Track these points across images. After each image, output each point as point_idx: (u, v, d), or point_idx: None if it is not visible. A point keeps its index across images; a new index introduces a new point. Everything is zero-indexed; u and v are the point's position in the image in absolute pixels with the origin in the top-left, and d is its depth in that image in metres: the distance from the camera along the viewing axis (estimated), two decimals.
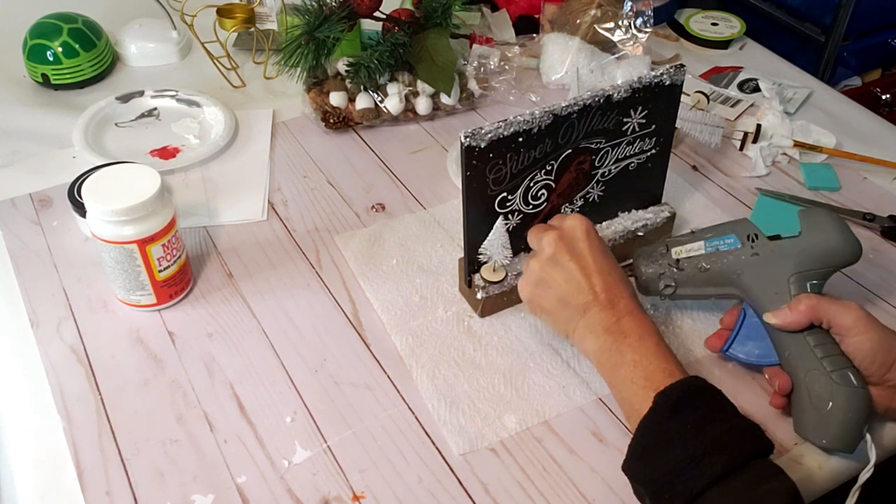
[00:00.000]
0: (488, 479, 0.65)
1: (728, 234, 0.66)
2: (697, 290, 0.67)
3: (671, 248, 0.68)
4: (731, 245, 0.65)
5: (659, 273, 0.68)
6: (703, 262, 0.66)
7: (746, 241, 0.65)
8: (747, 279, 0.65)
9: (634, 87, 0.73)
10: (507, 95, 1.07)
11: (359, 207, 0.90)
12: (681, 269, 0.67)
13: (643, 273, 0.70)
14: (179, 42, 1.15)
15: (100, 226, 0.72)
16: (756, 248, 0.65)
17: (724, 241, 0.66)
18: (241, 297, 0.80)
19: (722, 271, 0.65)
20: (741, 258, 0.65)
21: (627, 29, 1.10)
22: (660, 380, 0.61)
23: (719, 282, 0.66)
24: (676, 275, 0.67)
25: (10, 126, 1.01)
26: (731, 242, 0.65)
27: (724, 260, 0.66)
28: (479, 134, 0.67)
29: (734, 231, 0.67)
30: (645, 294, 0.71)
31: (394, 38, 0.98)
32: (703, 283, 0.67)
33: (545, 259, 0.69)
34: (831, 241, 0.66)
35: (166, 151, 0.97)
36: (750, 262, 0.65)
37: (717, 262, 0.66)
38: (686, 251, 0.67)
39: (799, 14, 1.41)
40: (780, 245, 0.66)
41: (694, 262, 0.67)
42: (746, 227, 0.67)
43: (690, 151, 0.99)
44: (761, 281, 0.64)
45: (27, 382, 0.72)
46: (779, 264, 0.65)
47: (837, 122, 1.04)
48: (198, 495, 0.63)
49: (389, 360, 0.74)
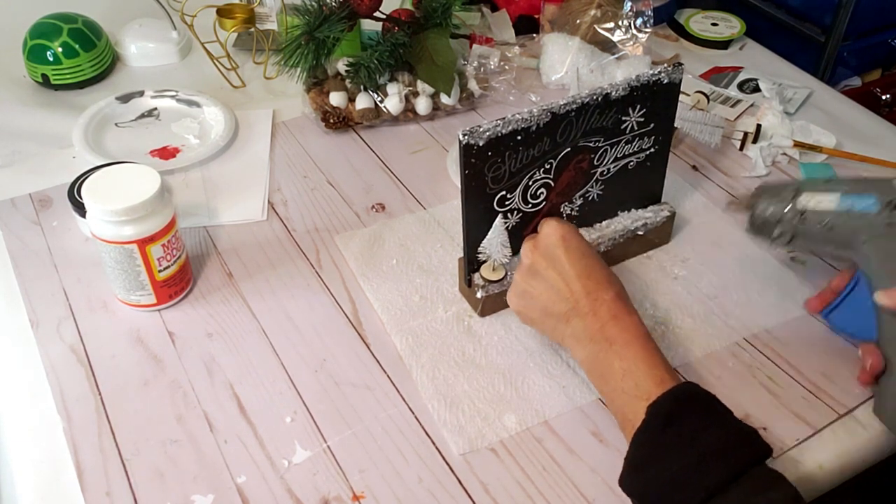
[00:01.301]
0: (488, 479, 0.65)
1: (869, 192, 0.59)
2: (814, 245, 0.62)
3: (802, 192, 0.61)
4: (867, 208, 0.58)
5: (778, 218, 0.62)
6: (830, 219, 0.59)
7: (885, 208, 0.58)
8: (872, 249, 0.58)
9: (633, 86, 0.73)
10: (507, 95, 1.07)
11: (359, 207, 0.91)
12: (804, 221, 0.60)
13: (762, 211, 0.63)
14: (179, 42, 1.15)
15: (100, 226, 0.72)
16: (893, 217, 0.58)
17: (861, 200, 0.59)
18: (241, 297, 0.80)
19: (848, 234, 0.59)
20: (874, 225, 0.58)
21: (627, 29, 1.10)
22: (651, 389, 0.59)
23: (841, 244, 0.60)
24: (798, 225, 0.61)
25: (10, 126, 1.01)
26: (870, 205, 0.58)
27: (854, 222, 0.59)
28: (477, 132, 0.67)
29: (876, 191, 0.59)
30: (754, 233, 0.65)
31: (394, 38, 0.98)
32: (822, 240, 0.61)
33: (524, 270, 0.68)
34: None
35: (166, 151, 0.97)
36: (880, 231, 0.58)
37: (847, 223, 0.59)
38: (816, 202, 0.60)
39: (799, 14, 1.41)
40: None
41: (820, 216, 0.60)
42: (890, 190, 0.59)
43: (690, 151, 0.99)
44: (888, 255, 0.58)
45: (27, 383, 0.72)
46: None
47: (837, 122, 1.03)
48: (198, 495, 0.63)
49: (389, 360, 0.74)
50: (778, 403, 0.70)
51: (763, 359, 0.74)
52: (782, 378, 0.72)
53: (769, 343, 0.75)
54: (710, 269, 0.83)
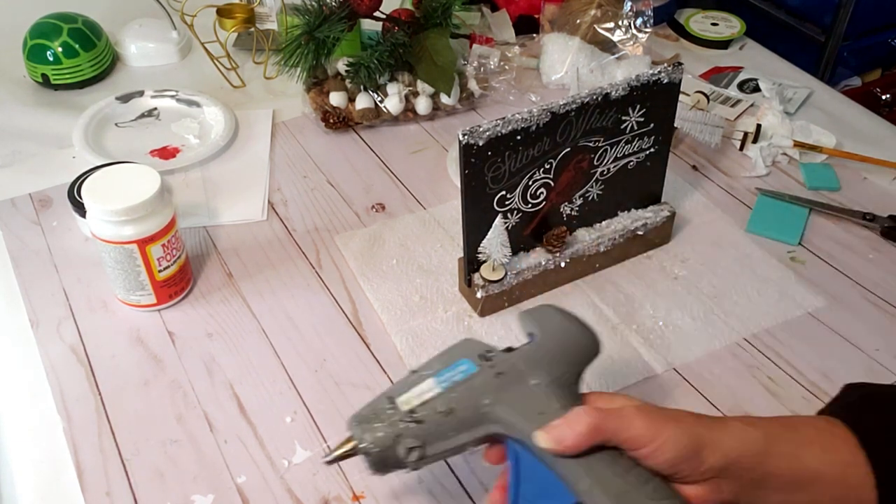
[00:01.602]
0: (488, 479, 0.65)
1: (458, 360, 0.53)
2: (450, 441, 0.51)
3: (397, 398, 0.52)
4: (467, 372, 0.52)
5: (395, 435, 0.51)
6: (443, 403, 0.51)
7: (482, 362, 0.53)
8: (501, 407, 0.51)
9: (632, 86, 0.73)
10: (507, 95, 1.07)
11: (359, 207, 0.91)
12: (420, 422, 0.51)
13: (372, 443, 0.51)
14: (179, 42, 1.15)
15: (100, 226, 0.72)
16: (496, 365, 0.52)
17: (457, 370, 0.52)
18: (241, 297, 0.80)
19: (471, 407, 0.51)
20: (486, 384, 0.52)
21: (627, 29, 1.10)
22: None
23: (472, 422, 0.51)
24: (417, 430, 0.50)
25: (10, 126, 1.01)
26: (467, 369, 0.52)
27: (469, 393, 0.52)
28: (477, 132, 0.67)
29: (464, 355, 0.54)
30: (383, 472, 0.52)
31: (394, 38, 0.98)
32: (452, 429, 0.51)
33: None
34: (570, 339, 0.55)
35: (166, 151, 0.97)
36: (496, 384, 0.52)
37: (462, 397, 0.52)
38: (418, 396, 0.52)
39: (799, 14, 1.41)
40: (522, 354, 0.54)
41: (432, 406, 0.51)
42: (474, 346, 0.54)
43: (690, 151, 0.99)
44: (517, 402, 0.51)
45: (27, 383, 0.72)
46: (529, 378, 0.52)
47: (837, 122, 1.03)
48: (198, 495, 0.63)
49: (389, 360, 0.74)
50: (778, 403, 0.70)
51: (763, 359, 0.74)
52: (782, 378, 0.72)
53: (769, 343, 0.75)
54: (710, 269, 0.83)
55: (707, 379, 0.72)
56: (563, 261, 0.78)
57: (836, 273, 0.82)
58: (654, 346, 0.75)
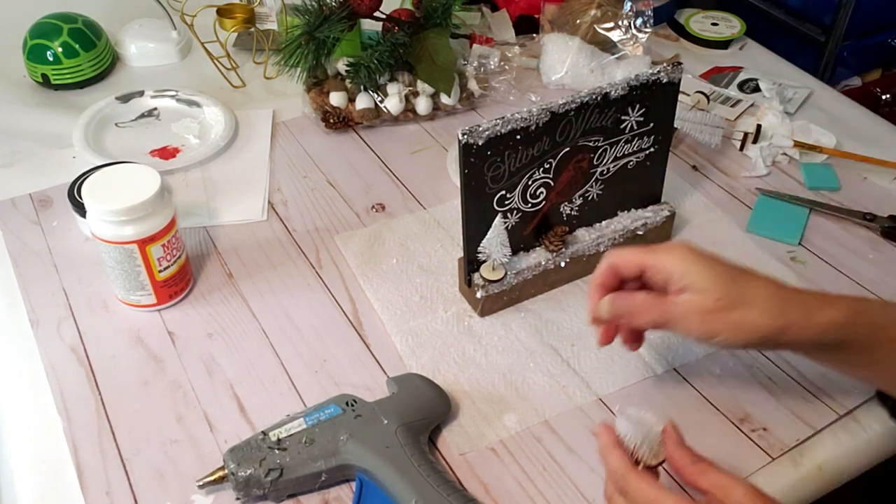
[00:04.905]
0: (488, 479, 0.65)
1: (327, 405, 0.65)
2: (306, 468, 0.62)
3: (269, 432, 0.64)
4: (333, 413, 0.64)
5: (260, 459, 0.62)
6: (306, 436, 0.63)
7: (347, 407, 0.65)
8: (354, 441, 0.63)
9: (632, 85, 0.73)
10: (507, 95, 1.07)
11: (359, 207, 0.91)
12: (283, 449, 0.62)
13: (238, 466, 0.62)
14: (179, 42, 1.15)
15: (100, 226, 0.72)
16: (357, 410, 0.65)
17: (324, 412, 0.65)
18: (241, 297, 0.80)
19: (329, 438, 0.63)
20: (345, 422, 0.64)
21: (627, 29, 1.10)
22: None
23: (329, 452, 0.63)
24: (280, 455, 0.62)
25: (10, 126, 1.01)
26: (332, 411, 0.65)
27: (330, 428, 0.64)
28: (476, 132, 0.67)
29: (334, 402, 0.66)
30: (246, 494, 0.62)
31: (394, 38, 0.98)
32: (310, 457, 0.62)
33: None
34: (424, 397, 0.67)
35: (166, 151, 0.97)
36: (354, 423, 0.64)
37: (324, 431, 0.64)
38: (287, 430, 0.64)
39: (799, 14, 1.41)
40: (381, 404, 0.66)
41: (298, 437, 0.63)
42: (344, 396, 0.66)
43: (690, 151, 0.99)
44: (370, 438, 0.63)
45: (27, 382, 0.72)
46: (382, 420, 0.64)
47: (837, 122, 1.03)
48: (198, 495, 0.63)
49: (389, 361, 0.74)
50: (778, 403, 0.70)
51: (763, 359, 0.74)
52: (782, 378, 0.72)
53: None
54: None
55: (707, 379, 0.72)
56: (563, 261, 0.78)
57: (837, 273, 0.82)
58: (654, 346, 0.75)
